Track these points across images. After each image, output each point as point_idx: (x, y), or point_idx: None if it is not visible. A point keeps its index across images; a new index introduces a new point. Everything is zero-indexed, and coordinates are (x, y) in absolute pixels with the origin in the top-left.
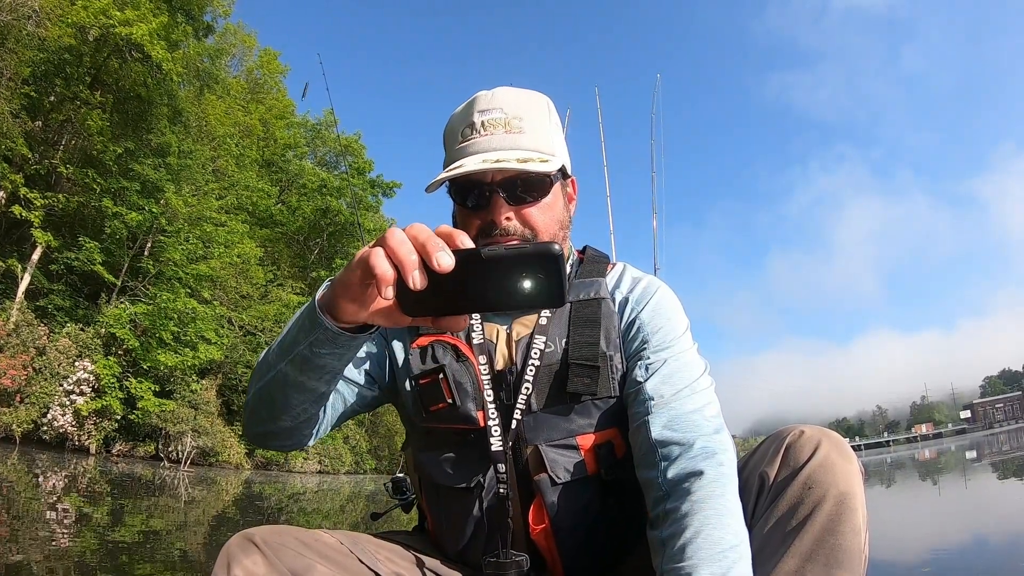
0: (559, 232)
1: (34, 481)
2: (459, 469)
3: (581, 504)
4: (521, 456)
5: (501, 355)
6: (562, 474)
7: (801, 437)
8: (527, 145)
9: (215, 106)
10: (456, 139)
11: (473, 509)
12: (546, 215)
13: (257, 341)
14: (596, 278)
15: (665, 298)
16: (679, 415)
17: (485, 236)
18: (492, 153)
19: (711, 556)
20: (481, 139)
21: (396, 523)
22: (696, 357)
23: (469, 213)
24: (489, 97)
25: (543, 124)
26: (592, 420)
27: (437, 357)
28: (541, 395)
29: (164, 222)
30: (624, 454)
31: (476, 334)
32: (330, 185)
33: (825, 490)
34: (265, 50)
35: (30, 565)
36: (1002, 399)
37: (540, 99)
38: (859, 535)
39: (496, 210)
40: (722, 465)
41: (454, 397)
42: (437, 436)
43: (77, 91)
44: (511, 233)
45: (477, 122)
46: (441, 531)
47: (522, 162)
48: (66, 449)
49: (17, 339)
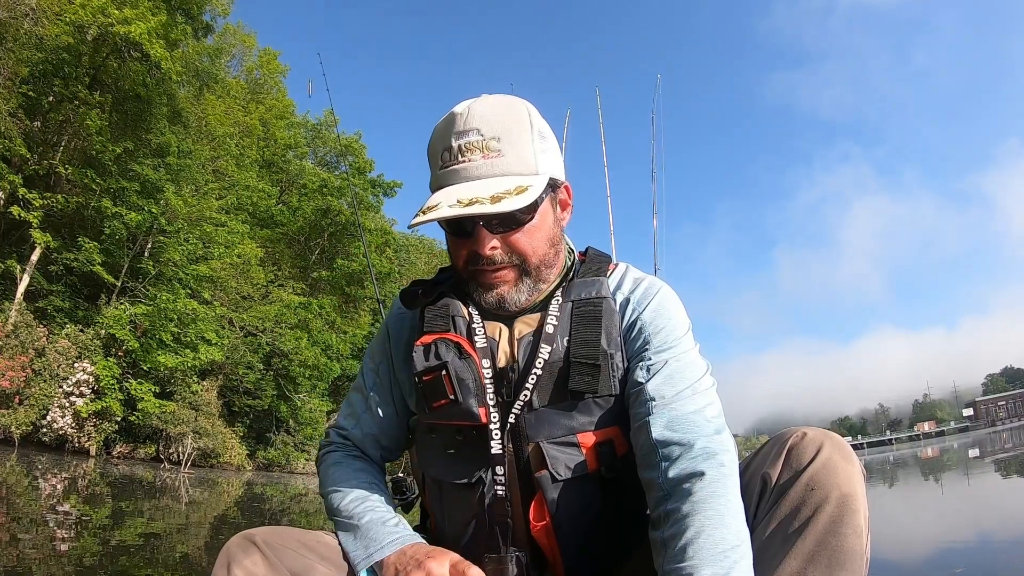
0: (549, 251)
1: (34, 483)
2: (461, 465)
3: (582, 501)
4: (523, 453)
5: (503, 353)
6: (563, 471)
7: (803, 439)
8: (507, 169)
9: (215, 106)
10: (436, 162)
11: (474, 505)
12: (534, 238)
13: (258, 342)
14: (598, 277)
15: (667, 299)
16: (680, 415)
17: (474, 264)
18: (467, 186)
19: (712, 556)
20: (459, 167)
21: None
22: (698, 358)
23: (457, 241)
24: (465, 116)
25: (523, 140)
26: (593, 418)
27: (440, 354)
28: (543, 393)
29: (164, 222)
30: (625, 452)
31: (478, 333)
32: (331, 185)
33: (827, 492)
34: (265, 50)
35: (30, 568)
36: (1004, 397)
37: (519, 109)
38: (861, 536)
39: (480, 241)
40: (723, 466)
41: (456, 393)
42: (439, 433)
43: (76, 91)
44: (497, 262)
45: (454, 146)
46: (443, 528)
47: (496, 200)
48: (66, 451)
49: (16, 340)
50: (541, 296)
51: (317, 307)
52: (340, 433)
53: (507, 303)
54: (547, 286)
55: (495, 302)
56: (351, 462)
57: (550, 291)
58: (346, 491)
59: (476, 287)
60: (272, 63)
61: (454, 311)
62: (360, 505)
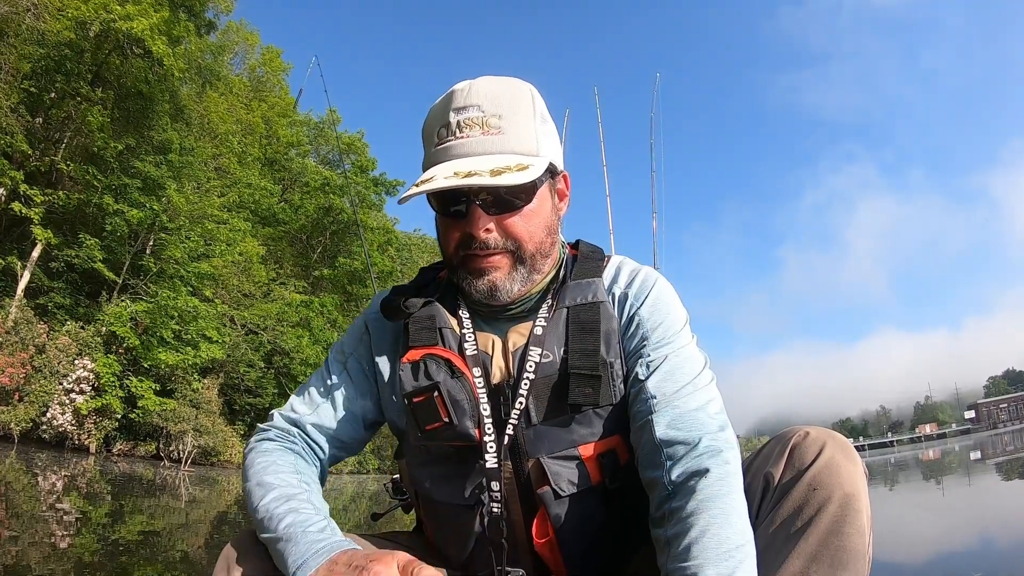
0: (546, 239)
1: (33, 480)
2: (456, 485)
3: (586, 514)
4: (522, 469)
5: (498, 368)
6: (566, 486)
7: (806, 438)
8: (506, 147)
9: (217, 103)
10: (432, 140)
11: (473, 525)
12: (531, 223)
13: (259, 340)
14: (592, 278)
15: (663, 292)
16: (683, 413)
17: (465, 248)
18: (465, 161)
19: (717, 556)
20: (456, 142)
21: (397, 523)
22: (696, 351)
23: (449, 223)
24: (466, 92)
25: (525, 119)
26: (594, 429)
27: (431, 373)
28: (540, 407)
29: (165, 219)
30: (627, 461)
31: (469, 345)
32: (333, 183)
33: (830, 492)
34: (268, 48)
35: (29, 566)
36: (1006, 399)
37: (522, 90)
38: (864, 536)
39: (474, 222)
40: (728, 464)
41: (450, 416)
42: (433, 452)
43: (78, 87)
44: (491, 247)
45: (452, 122)
46: (438, 543)
47: (496, 173)
48: (66, 448)
49: (16, 337)
50: (535, 288)
51: (319, 305)
52: (288, 419)
53: (499, 292)
54: (541, 277)
55: (486, 290)
56: (283, 454)
57: (540, 292)
58: (268, 488)
59: (466, 275)
60: (275, 61)
61: (441, 322)
62: (281, 506)
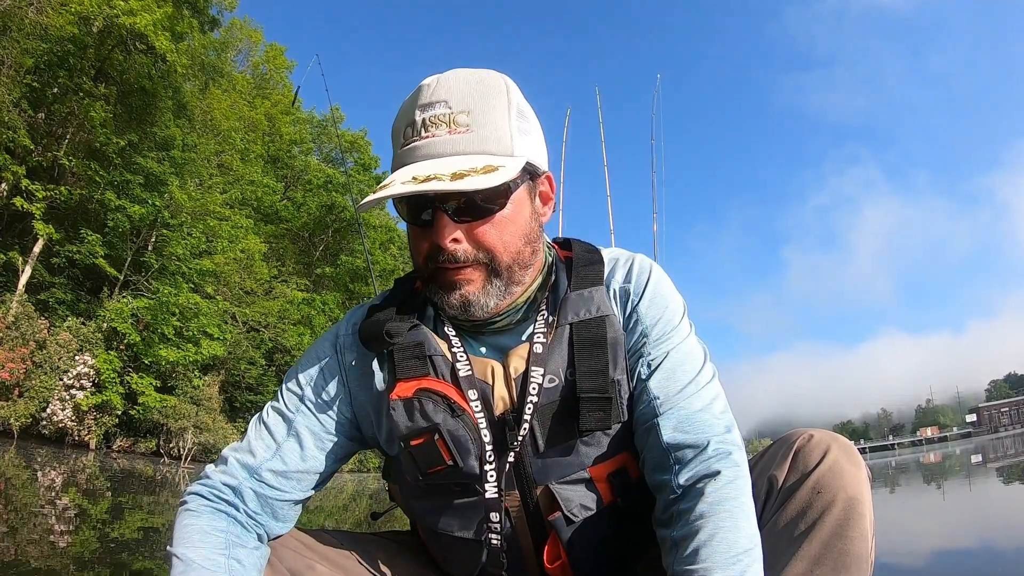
0: (525, 248)
1: (32, 476)
2: (460, 518)
3: (598, 534)
4: (530, 497)
5: (500, 399)
6: (578, 511)
7: (810, 441)
8: (475, 147)
9: (220, 100)
10: (399, 140)
11: (475, 555)
12: (505, 231)
13: (260, 337)
14: (594, 288)
15: (660, 283)
16: (688, 415)
17: (434, 261)
18: (427, 164)
19: (725, 560)
20: (421, 143)
21: (397, 523)
22: (696, 345)
23: (418, 232)
24: (433, 87)
25: (498, 116)
26: (603, 448)
27: (428, 414)
28: (545, 432)
29: (167, 216)
30: (638, 476)
31: (462, 366)
32: (335, 181)
33: (834, 495)
34: (271, 45)
35: (28, 562)
36: (1008, 403)
37: (496, 83)
38: (867, 540)
39: (440, 231)
40: (737, 466)
41: (455, 459)
42: (433, 487)
43: (81, 83)
44: (459, 259)
45: (418, 120)
46: (443, 566)
47: (458, 177)
48: (65, 444)
49: (17, 332)
50: (515, 300)
51: (320, 303)
52: (238, 469)
53: (473, 307)
54: (522, 289)
55: (459, 305)
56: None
57: (529, 299)
58: (188, 564)
59: (436, 289)
60: (278, 59)
61: (430, 349)
62: None
